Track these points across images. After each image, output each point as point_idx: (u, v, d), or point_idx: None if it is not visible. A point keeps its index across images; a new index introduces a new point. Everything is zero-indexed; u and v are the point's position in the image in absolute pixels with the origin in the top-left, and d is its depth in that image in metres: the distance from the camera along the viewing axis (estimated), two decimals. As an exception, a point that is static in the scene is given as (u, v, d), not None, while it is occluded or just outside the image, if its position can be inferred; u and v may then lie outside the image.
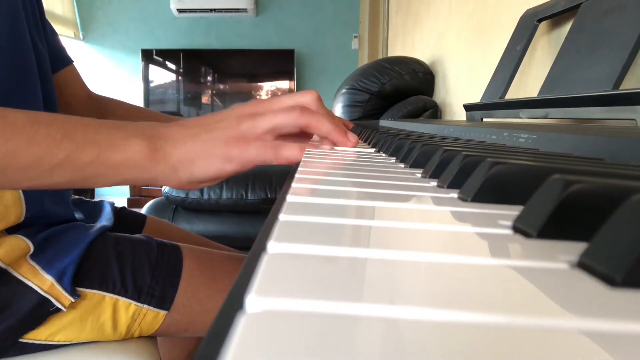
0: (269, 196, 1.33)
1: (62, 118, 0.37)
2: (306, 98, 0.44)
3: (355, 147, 0.48)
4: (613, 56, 0.67)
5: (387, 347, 0.09)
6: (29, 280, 0.48)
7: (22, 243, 0.49)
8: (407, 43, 2.62)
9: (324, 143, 0.46)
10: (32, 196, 0.52)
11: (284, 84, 4.02)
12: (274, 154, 0.39)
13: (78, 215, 0.63)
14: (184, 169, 0.38)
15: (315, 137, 0.53)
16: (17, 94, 0.51)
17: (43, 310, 0.48)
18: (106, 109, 0.74)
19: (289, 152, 0.40)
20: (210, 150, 0.38)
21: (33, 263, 0.48)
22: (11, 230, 0.50)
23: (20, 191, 0.51)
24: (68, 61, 0.70)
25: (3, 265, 0.47)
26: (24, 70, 0.52)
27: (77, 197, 0.71)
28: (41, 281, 0.48)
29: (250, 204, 1.33)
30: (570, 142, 0.42)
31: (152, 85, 4.05)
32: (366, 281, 0.12)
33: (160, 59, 4.04)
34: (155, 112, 0.77)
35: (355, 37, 3.97)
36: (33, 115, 0.36)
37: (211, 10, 3.88)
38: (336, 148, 0.48)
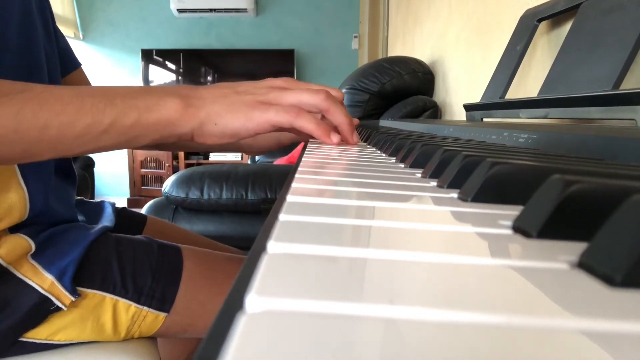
0: (269, 196, 1.33)
1: (102, 89, 0.41)
2: (334, 92, 0.49)
3: (354, 145, 0.52)
4: (613, 56, 0.67)
5: (387, 347, 0.09)
6: (30, 279, 0.48)
7: (23, 242, 0.49)
8: (407, 43, 2.62)
9: (334, 135, 0.48)
10: (36, 194, 0.52)
11: (284, 84, 4.02)
12: (292, 118, 0.42)
13: (79, 217, 0.63)
14: (210, 122, 0.42)
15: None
16: None
17: (43, 309, 0.48)
18: None
19: (305, 121, 0.42)
20: (236, 107, 0.42)
21: (34, 262, 0.49)
22: (13, 229, 0.50)
23: (25, 189, 0.51)
24: (76, 65, 0.71)
25: (4, 264, 0.47)
26: (33, 72, 0.52)
27: (78, 198, 0.71)
28: (42, 280, 0.48)
29: (250, 204, 1.33)
30: (570, 142, 0.42)
31: (152, 85, 4.05)
32: (366, 281, 0.12)
33: (160, 59, 4.04)
34: None
35: (355, 37, 3.97)
36: (77, 89, 0.40)
37: (211, 10, 3.88)
38: (336, 148, 0.48)
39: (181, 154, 3.83)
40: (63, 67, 0.65)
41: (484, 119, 1.13)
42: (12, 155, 0.38)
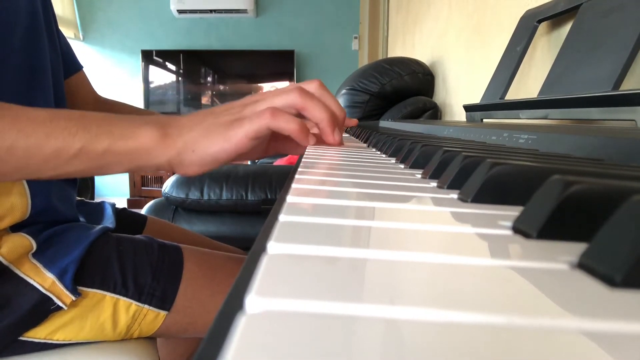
0: (269, 197, 1.33)
1: (79, 113, 0.40)
2: (310, 85, 0.46)
3: (336, 145, 0.48)
4: (613, 56, 0.67)
5: (387, 347, 0.09)
6: (31, 278, 0.48)
7: (25, 241, 0.49)
8: (407, 43, 2.62)
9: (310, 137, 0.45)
10: (38, 194, 0.52)
11: (284, 85, 4.02)
12: (267, 120, 0.39)
13: (80, 219, 0.63)
14: (187, 150, 0.40)
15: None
16: (30, 94, 0.52)
17: (44, 308, 0.48)
18: (113, 112, 0.75)
19: (283, 121, 0.40)
20: (213, 131, 0.40)
21: (35, 261, 0.49)
22: (15, 228, 0.51)
23: (27, 187, 0.51)
24: (78, 67, 0.71)
25: (5, 263, 0.47)
26: (37, 73, 0.53)
27: (79, 198, 0.71)
28: (42, 279, 0.48)
29: (250, 204, 1.33)
30: (570, 142, 0.42)
31: (152, 86, 4.05)
32: (366, 282, 0.12)
33: (161, 60, 4.04)
34: (158, 113, 0.78)
35: (355, 37, 3.97)
36: (53, 112, 0.39)
37: (211, 11, 3.88)
38: (336, 148, 0.48)
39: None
40: (65, 70, 0.65)
41: (484, 120, 1.13)
42: None
